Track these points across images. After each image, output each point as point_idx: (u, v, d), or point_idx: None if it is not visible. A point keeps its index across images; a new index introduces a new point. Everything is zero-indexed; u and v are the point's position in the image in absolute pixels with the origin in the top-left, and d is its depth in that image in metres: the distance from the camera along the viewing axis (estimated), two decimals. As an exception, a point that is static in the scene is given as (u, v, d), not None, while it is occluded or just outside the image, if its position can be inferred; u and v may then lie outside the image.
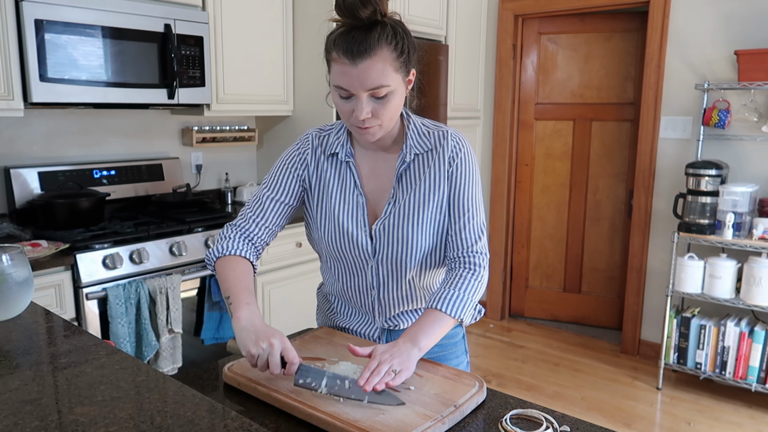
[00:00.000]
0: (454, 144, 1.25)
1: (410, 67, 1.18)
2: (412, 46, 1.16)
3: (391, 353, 1.07)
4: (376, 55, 1.09)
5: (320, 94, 3.02)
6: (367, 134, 1.18)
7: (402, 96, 1.18)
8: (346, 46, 1.09)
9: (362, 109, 1.12)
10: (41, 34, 2.13)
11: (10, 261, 1.15)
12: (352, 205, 1.27)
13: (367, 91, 1.11)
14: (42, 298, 2.02)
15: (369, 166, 1.28)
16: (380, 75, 1.10)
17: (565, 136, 3.92)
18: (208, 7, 2.68)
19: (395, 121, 1.21)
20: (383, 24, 1.10)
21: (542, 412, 1.02)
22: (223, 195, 3.22)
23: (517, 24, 3.84)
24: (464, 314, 1.19)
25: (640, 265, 3.49)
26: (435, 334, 1.15)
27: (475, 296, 1.21)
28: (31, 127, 2.54)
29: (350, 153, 1.28)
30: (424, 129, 1.27)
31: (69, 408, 0.83)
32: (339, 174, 1.29)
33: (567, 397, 3.05)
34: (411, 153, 1.25)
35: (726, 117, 3.00)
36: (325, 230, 1.29)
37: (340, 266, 1.32)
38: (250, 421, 0.79)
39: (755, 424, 2.81)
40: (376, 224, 1.25)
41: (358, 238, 1.26)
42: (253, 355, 1.05)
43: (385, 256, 1.26)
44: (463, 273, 1.22)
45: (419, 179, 1.25)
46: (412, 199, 1.24)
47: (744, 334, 2.91)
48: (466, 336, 1.44)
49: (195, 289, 2.49)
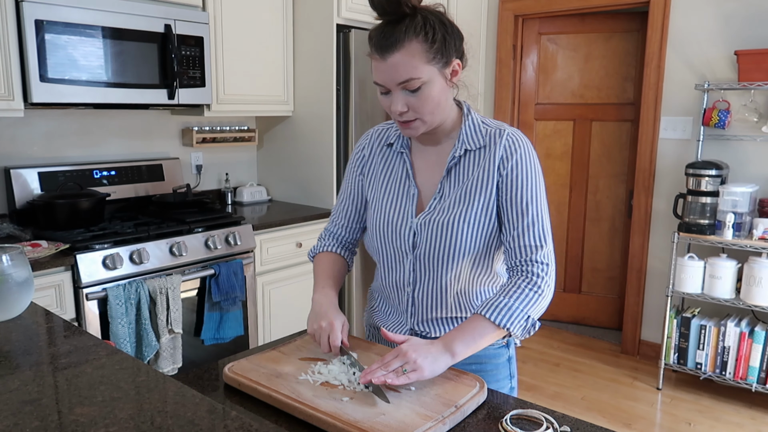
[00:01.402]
0: (509, 144, 1.18)
1: (450, 58, 1.13)
2: (450, 35, 1.12)
3: (417, 350, 1.05)
4: (404, 48, 1.08)
5: (320, 94, 3.03)
6: (408, 129, 1.18)
7: (441, 88, 1.14)
8: (376, 41, 1.11)
9: (395, 102, 1.13)
10: (41, 34, 2.13)
11: (10, 261, 1.15)
12: (402, 195, 1.26)
13: (398, 84, 1.11)
14: (42, 298, 2.02)
15: (423, 159, 1.27)
16: (409, 68, 1.09)
17: (565, 137, 3.92)
18: (208, 7, 2.68)
19: (440, 115, 1.18)
20: (413, 16, 1.09)
21: (542, 412, 1.02)
22: (224, 195, 3.23)
23: (517, 24, 3.84)
24: (512, 325, 1.09)
25: (640, 265, 3.49)
26: (474, 342, 1.09)
27: (529, 308, 1.11)
28: (31, 127, 2.54)
29: (406, 144, 1.28)
30: (482, 126, 1.23)
31: (69, 408, 0.83)
32: (393, 165, 1.30)
33: (567, 397, 3.05)
34: (462, 148, 1.21)
35: (726, 117, 3.00)
36: (373, 219, 1.30)
37: (382, 259, 1.31)
38: (250, 422, 0.79)
39: (755, 425, 2.80)
40: (420, 217, 1.23)
41: (401, 230, 1.24)
42: (309, 333, 1.21)
43: (424, 251, 1.22)
44: (519, 282, 1.14)
45: (467, 176, 1.20)
46: (458, 197, 1.20)
47: (744, 334, 2.90)
48: (513, 359, 1.33)
49: (195, 289, 2.49)
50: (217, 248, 2.51)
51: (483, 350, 1.23)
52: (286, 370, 1.13)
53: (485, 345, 1.12)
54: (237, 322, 2.58)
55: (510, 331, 1.10)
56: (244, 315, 2.65)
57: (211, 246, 2.48)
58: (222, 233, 2.55)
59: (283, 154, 3.29)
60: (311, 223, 2.94)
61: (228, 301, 2.52)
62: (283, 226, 2.83)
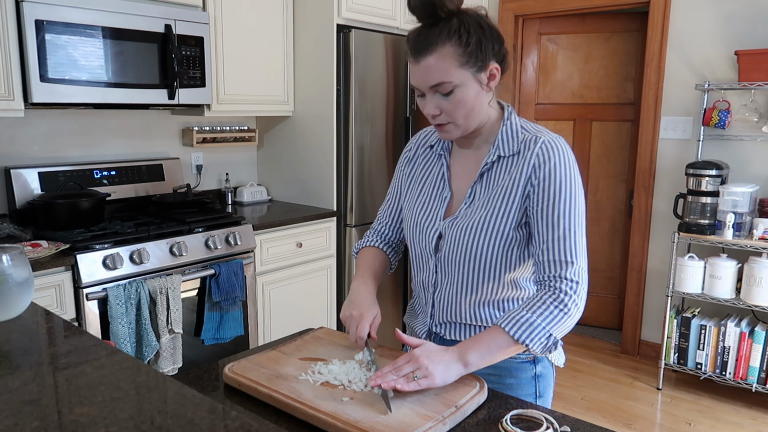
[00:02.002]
0: (543, 152, 1.13)
1: (486, 62, 1.11)
2: (488, 39, 1.10)
3: (429, 356, 1.03)
4: (436, 51, 1.08)
5: (320, 94, 3.02)
6: (442, 132, 1.18)
7: (476, 92, 1.12)
8: (411, 45, 1.11)
9: (428, 106, 1.14)
10: (42, 34, 2.13)
11: (10, 261, 1.15)
12: (436, 198, 1.26)
13: (430, 87, 1.11)
14: (42, 298, 2.02)
15: (461, 163, 1.26)
16: (440, 71, 1.09)
17: (565, 137, 3.90)
18: (208, 7, 2.68)
19: (475, 119, 1.15)
20: (448, 20, 1.09)
21: (542, 412, 1.02)
22: (224, 195, 3.22)
23: (517, 24, 3.84)
24: (531, 342, 1.05)
25: (641, 265, 3.49)
26: (490, 354, 1.06)
27: (552, 327, 1.06)
28: (31, 127, 2.54)
29: (446, 147, 1.28)
30: (520, 132, 1.18)
31: (69, 408, 0.83)
32: (432, 166, 1.30)
33: (567, 397, 3.05)
34: (495, 154, 1.18)
35: (726, 117, 3.00)
36: (407, 219, 1.31)
37: (413, 258, 1.32)
38: (250, 422, 0.79)
39: (756, 425, 2.80)
40: (447, 221, 1.21)
41: (428, 231, 1.24)
42: (341, 318, 1.22)
43: (446, 255, 1.21)
44: (545, 298, 1.09)
45: (497, 183, 1.17)
46: (484, 203, 1.17)
47: (744, 334, 2.90)
48: (543, 378, 1.25)
49: (195, 289, 2.49)
50: (217, 248, 2.51)
51: (504, 361, 1.18)
52: (287, 370, 1.13)
53: (502, 358, 1.09)
54: (237, 322, 2.58)
55: (528, 348, 1.06)
56: (244, 315, 2.65)
57: (211, 246, 2.48)
58: (222, 233, 2.55)
59: (283, 154, 3.29)
60: (311, 223, 2.94)
61: (228, 301, 2.52)
62: (283, 226, 2.83)
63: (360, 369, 1.12)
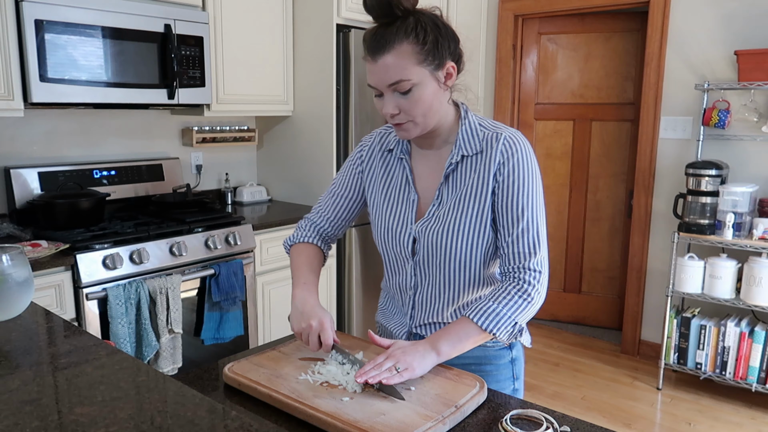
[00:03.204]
0: (506, 148, 1.16)
1: (443, 60, 1.12)
2: (444, 37, 1.12)
3: (405, 351, 1.07)
4: (394, 50, 1.09)
5: (320, 95, 3.02)
6: (401, 131, 1.18)
7: (433, 90, 1.13)
8: (368, 44, 1.12)
9: (386, 105, 1.14)
10: (41, 34, 2.13)
11: (10, 261, 1.15)
12: (402, 202, 1.26)
13: (388, 86, 1.12)
14: (42, 298, 2.02)
15: (423, 164, 1.26)
16: (399, 69, 1.09)
17: (565, 136, 3.92)
18: (208, 7, 2.68)
19: (434, 117, 1.16)
20: (404, 18, 1.10)
21: (542, 412, 1.02)
22: (223, 195, 3.22)
23: (517, 24, 3.84)
24: (498, 330, 1.10)
25: (640, 265, 3.49)
26: (460, 342, 1.11)
27: (517, 315, 1.12)
28: (31, 127, 2.54)
29: (406, 150, 1.28)
30: (479, 130, 1.20)
31: (69, 408, 0.82)
32: (393, 170, 1.30)
33: (567, 397, 3.05)
34: (458, 154, 1.20)
35: (726, 117, 3.00)
36: (375, 224, 1.31)
37: (386, 262, 1.33)
38: (250, 422, 0.79)
39: (755, 425, 2.80)
40: (419, 224, 1.23)
41: (401, 236, 1.25)
42: (296, 332, 1.18)
43: (424, 258, 1.23)
44: (509, 288, 1.14)
45: (464, 183, 1.19)
46: (455, 204, 1.19)
47: (744, 334, 2.90)
48: (518, 361, 1.31)
49: (195, 289, 2.49)
50: (217, 248, 2.51)
51: (482, 351, 1.26)
52: (286, 370, 1.13)
53: (471, 346, 1.14)
54: (237, 322, 2.58)
55: (495, 336, 1.12)
56: (244, 315, 2.65)
57: (211, 246, 2.48)
58: (222, 233, 2.55)
59: (283, 154, 3.29)
60: (311, 223, 2.93)
61: (228, 301, 2.52)
62: (283, 226, 2.82)
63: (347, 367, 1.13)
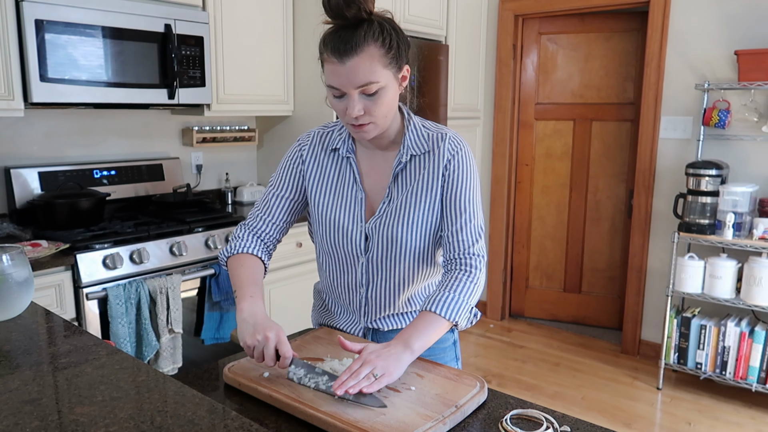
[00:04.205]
0: (452, 147, 1.24)
1: (402, 63, 1.17)
2: (402, 42, 1.16)
3: (379, 355, 1.05)
4: (363, 52, 1.10)
5: (320, 94, 3.02)
6: (361, 132, 1.19)
7: (395, 92, 1.17)
8: (334, 45, 1.11)
9: (354, 106, 1.13)
10: (41, 34, 2.13)
11: (10, 261, 1.15)
12: (350, 200, 1.28)
13: (356, 88, 1.12)
14: (42, 298, 2.02)
15: (369, 164, 1.29)
16: (368, 71, 1.11)
17: (565, 136, 3.92)
18: (208, 7, 2.68)
19: (390, 118, 1.21)
20: (370, 21, 1.11)
21: (542, 412, 1.02)
22: (224, 195, 3.22)
23: (517, 24, 3.84)
24: (459, 317, 1.16)
25: (641, 265, 3.49)
26: (429, 336, 1.13)
27: (470, 299, 1.19)
28: (31, 127, 2.54)
29: (351, 149, 1.29)
30: (424, 131, 1.27)
31: (69, 408, 0.83)
32: (339, 169, 1.30)
33: (567, 397, 3.05)
34: (407, 154, 1.25)
35: (726, 117, 3.00)
36: (321, 224, 1.31)
37: (332, 262, 1.33)
38: (250, 421, 0.79)
39: (755, 424, 2.81)
40: (371, 222, 1.26)
41: (352, 234, 1.27)
42: (249, 346, 1.10)
43: (377, 254, 1.27)
44: (458, 275, 1.20)
45: (414, 180, 1.25)
46: (406, 200, 1.25)
47: (744, 334, 2.91)
48: (458, 342, 1.42)
49: (195, 289, 2.49)
50: (218, 248, 2.51)
51: None
52: (286, 370, 1.13)
53: (438, 338, 1.17)
54: (237, 321, 2.58)
55: (456, 323, 1.17)
56: (244, 315, 2.65)
57: (211, 246, 2.48)
58: (222, 233, 2.55)
59: (283, 153, 3.28)
60: (311, 222, 2.94)
61: (228, 300, 2.52)
62: (283, 226, 2.82)
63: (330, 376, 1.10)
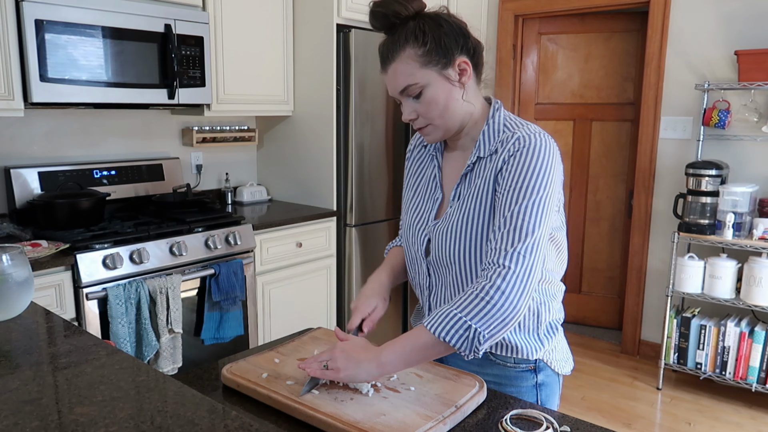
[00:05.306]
0: (514, 147, 1.07)
1: (451, 58, 1.09)
2: (449, 34, 1.09)
3: (344, 352, 1.04)
4: (399, 57, 1.10)
5: (320, 95, 3.02)
6: (425, 135, 1.18)
7: (445, 90, 1.10)
8: (380, 56, 1.14)
9: (404, 111, 1.14)
10: (41, 34, 2.13)
11: (10, 261, 1.15)
12: (428, 200, 1.24)
13: (400, 93, 1.13)
14: (42, 298, 2.02)
15: (451, 165, 1.24)
16: (404, 75, 1.10)
17: (565, 136, 3.92)
18: (208, 7, 2.68)
19: (454, 118, 1.13)
20: (404, 24, 1.10)
21: (542, 412, 1.02)
22: (224, 195, 3.22)
23: (517, 24, 3.84)
24: (448, 335, 0.99)
25: (640, 265, 3.49)
26: (405, 353, 1.02)
27: (472, 318, 0.99)
28: (31, 127, 2.54)
29: (439, 148, 1.26)
30: (501, 130, 1.14)
31: (69, 408, 0.83)
32: (426, 166, 1.29)
33: (567, 397, 3.05)
34: (475, 155, 1.15)
35: (726, 117, 3.00)
36: (403, 220, 1.31)
37: (408, 259, 1.30)
38: (250, 422, 0.79)
39: (755, 425, 2.80)
40: (435, 224, 1.19)
41: (418, 235, 1.23)
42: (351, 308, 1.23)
43: (436, 258, 1.18)
44: (470, 288, 1.04)
45: (473, 185, 1.14)
46: (463, 206, 1.14)
47: (744, 334, 2.90)
48: (546, 388, 1.21)
49: (195, 289, 2.49)
50: (217, 248, 2.51)
51: (501, 369, 1.19)
52: (285, 371, 1.13)
53: (424, 357, 1.04)
54: (237, 321, 2.58)
55: (448, 343, 0.99)
56: (244, 315, 2.65)
57: (211, 246, 2.48)
58: (222, 233, 2.55)
59: (283, 154, 3.29)
60: (311, 223, 2.94)
61: (228, 300, 2.52)
62: (283, 226, 2.82)
63: None
